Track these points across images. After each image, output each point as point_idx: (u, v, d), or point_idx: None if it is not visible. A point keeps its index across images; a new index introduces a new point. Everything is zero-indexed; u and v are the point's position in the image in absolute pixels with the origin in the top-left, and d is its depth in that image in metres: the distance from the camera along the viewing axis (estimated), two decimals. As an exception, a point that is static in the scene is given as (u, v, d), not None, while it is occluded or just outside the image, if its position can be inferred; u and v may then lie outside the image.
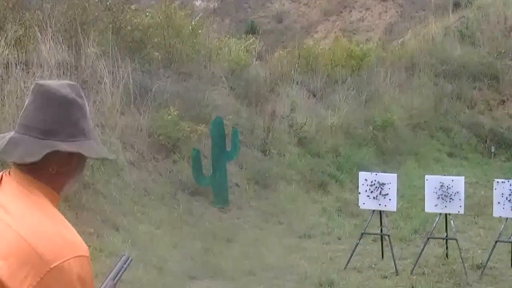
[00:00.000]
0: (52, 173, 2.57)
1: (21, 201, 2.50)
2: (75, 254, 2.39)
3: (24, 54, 12.42)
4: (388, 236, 10.77)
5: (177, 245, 10.80)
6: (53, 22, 13.30)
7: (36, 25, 13.09)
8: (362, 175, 11.02)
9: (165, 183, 12.79)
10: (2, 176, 2.62)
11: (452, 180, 10.59)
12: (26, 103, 2.66)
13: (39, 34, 12.86)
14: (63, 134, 2.60)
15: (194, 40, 17.02)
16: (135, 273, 8.50)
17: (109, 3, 15.33)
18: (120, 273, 3.39)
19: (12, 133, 2.63)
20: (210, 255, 10.82)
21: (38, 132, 2.58)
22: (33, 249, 2.33)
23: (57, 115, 2.61)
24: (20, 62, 12.02)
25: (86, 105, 2.75)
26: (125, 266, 3.42)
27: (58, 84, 2.69)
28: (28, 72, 11.98)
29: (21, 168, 2.56)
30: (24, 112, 2.64)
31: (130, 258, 3.40)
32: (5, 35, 12.25)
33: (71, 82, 2.76)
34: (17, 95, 11.06)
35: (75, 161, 2.63)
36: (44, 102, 2.62)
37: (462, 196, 10.47)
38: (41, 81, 2.70)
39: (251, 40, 21.53)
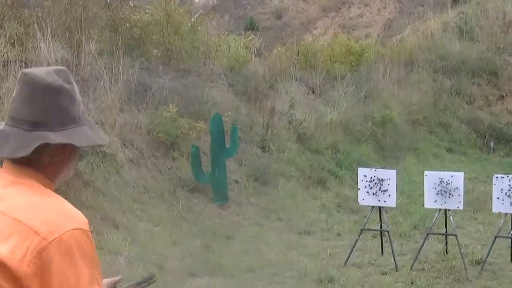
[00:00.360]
0: (45, 163, 2.54)
1: (15, 188, 2.48)
2: (72, 227, 2.38)
3: (23, 52, 12.41)
4: (388, 232, 10.76)
5: (176, 242, 10.80)
6: (52, 20, 13.28)
7: (35, 22, 13.07)
8: (362, 171, 11.01)
9: (164, 181, 12.79)
10: None
11: (452, 176, 10.57)
12: (14, 94, 2.62)
13: (38, 31, 12.84)
14: (52, 123, 2.55)
15: (193, 37, 17.00)
16: (135, 271, 8.49)
17: (108, 1, 15.30)
18: (140, 286, 3.40)
19: (2, 126, 2.59)
20: (210, 252, 10.81)
21: (27, 124, 2.53)
22: (29, 228, 2.33)
23: (44, 105, 2.56)
24: (19, 60, 12.00)
25: (75, 89, 2.68)
26: (146, 282, 3.42)
27: (44, 71, 2.62)
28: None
29: (13, 161, 2.53)
30: (13, 104, 2.60)
31: (155, 278, 3.40)
32: (4, 33, 12.24)
33: (58, 68, 2.70)
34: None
35: (68, 150, 2.58)
36: (30, 93, 2.57)
37: (462, 191, 10.46)
38: (27, 70, 2.64)
39: (250, 37, 21.53)
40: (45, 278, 2.31)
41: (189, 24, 16.81)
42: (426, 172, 10.86)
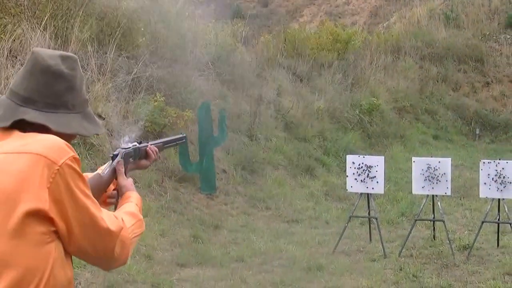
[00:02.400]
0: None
1: (6, 140, 2.61)
2: (72, 153, 2.55)
3: (10, 42, 12.32)
4: (376, 219, 10.76)
5: (165, 232, 10.76)
6: (39, 9, 13.20)
7: (22, 12, 13.00)
8: (350, 158, 10.99)
9: (152, 171, 12.72)
10: None
11: (439, 162, 10.57)
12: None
13: (25, 21, 12.76)
14: (41, 103, 2.66)
15: (180, 25, 16.93)
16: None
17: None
18: (171, 144, 3.77)
19: (2, 96, 2.73)
20: (198, 242, 10.78)
21: (18, 98, 2.66)
22: (38, 154, 2.48)
23: (38, 84, 2.66)
24: (6, 50, 11.91)
25: (77, 78, 2.77)
26: (178, 142, 3.79)
27: (49, 54, 2.72)
28: (15, 60, 11.88)
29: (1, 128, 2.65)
30: (15, 77, 2.72)
31: (184, 139, 3.75)
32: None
33: (66, 54, 2.78)
34: (4, 83, 10.96)
35: (52, 132, 2.65)
36: (30, 70, 2.68)
37: (449, 177, 10.47)
38: (36, 49, 2.75)
39: (239, 25, 21.49)
40: (60, 203, 2.49)
41: (175, 11, 16.72)
42: (413, 158, 10.85)
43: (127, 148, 3.40)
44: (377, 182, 10.67)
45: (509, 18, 26.95)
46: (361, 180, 10.70)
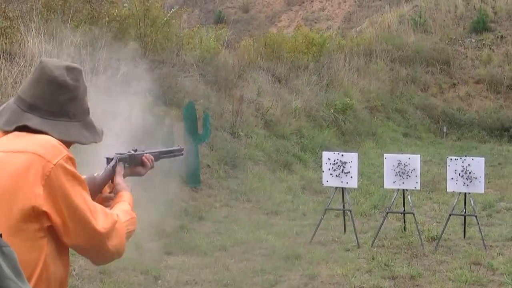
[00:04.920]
0: None
1: (7, 137, 2.64)
2: (66, 152, 2.57)
3: (8, 45, 12.27)
4: (350, 211, 10.79)
5: (152, 223, 10.75)
6: (35, 14, 13.16)
7: (19, 16, 12.95)
8: (326, 154, 11.01)
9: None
10: None
11: (409, 158, 10.63)
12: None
13: (22, 25, 12.72)
14: (44, 111, 2.66)
15: (167, 30, 16.91)
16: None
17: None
18: (168, 155, 3.70)
19: (11, 100, 2.75)
20: (184, 232, 10.81)
21: (24, 104, 2.66)
22: (33, 153, 2.49)
23: (43, 93, 2.66)
24: (4, 53, 11.86)
25: (80, 88, 2.78)
26: (176, 154, 3.69)
27: (56, 64, 2.73)
28: (12, 62, 11.82)
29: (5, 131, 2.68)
30: (24, 83, 2.73)
31: (183, 152, 3.66)
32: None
33: (72, 65, 2.79)
34: (1, 85, 10.92)
35: (55, 137, 2.66)
36: (37, 78, 2.68)
37: (419, 172, 10.53)
38: (44, 58, 2.78)
39: (223, 29, 21.48)
40: (55, 199, 2.50)
41: (165, 18, 16.70)
42: (385, 155, 10.90)
43: (122, 154, 3.37)
44: (351, 177, 10.71)
45: (474, 23, 27.09)
46: (336, 175, 10.73)
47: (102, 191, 3.26)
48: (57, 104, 2.68)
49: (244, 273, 8.98)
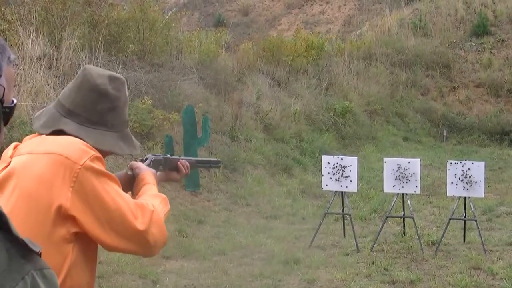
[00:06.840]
0: None
1: (40, 139, 2.63)
2: (93, 152, 2.54)
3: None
4: (349, 215, 10.78)
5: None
6: (34, 17, 13.16)
7: (18, 19, 12.95)
8: (325, 158, 11.01)
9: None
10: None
11: (409, 162, 10.62)
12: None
13: (21, 28, 12.71)
14: (82, 117, 2.65)
15: (167, 33, 16.91)
16: (113, 255, 8.44)
17: (88, -1, 15.22)
18: (205, 164, 3.78)
19: (50, 105, 2.76)
20: (183, 236, 10.78)
21: (63, 109, 2.67)
22: (60, 155, 2.46)
23: (83, 100, 2.67)
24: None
25: (121, 99, 2.78)
26: (212, 165, 3.74)
27: (100, 73, 2.74)
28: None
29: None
30: (65, 88, 2.76)
31: (220, 164, 3.66)
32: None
33: (115, 75, 2.80)
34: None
35: (90, 144, 2.64)
36: (79, 85, 2.70)
37: (418, 176, 10.52)
38: (88, 66, 2.79)
39: (222, 33, 21.48)
40: (86, 202, 2.46)
41: (164, 21, 16.70)
42: (385, 159, 10.91)
43: (158, 156, 3.36)
44: (351, 181, 10.71)
45: (474, 27, 27.08)
46: (336, 179, 10.73)
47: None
48: (96, 112, 2.67)
49: (243, 277, 8.97)
